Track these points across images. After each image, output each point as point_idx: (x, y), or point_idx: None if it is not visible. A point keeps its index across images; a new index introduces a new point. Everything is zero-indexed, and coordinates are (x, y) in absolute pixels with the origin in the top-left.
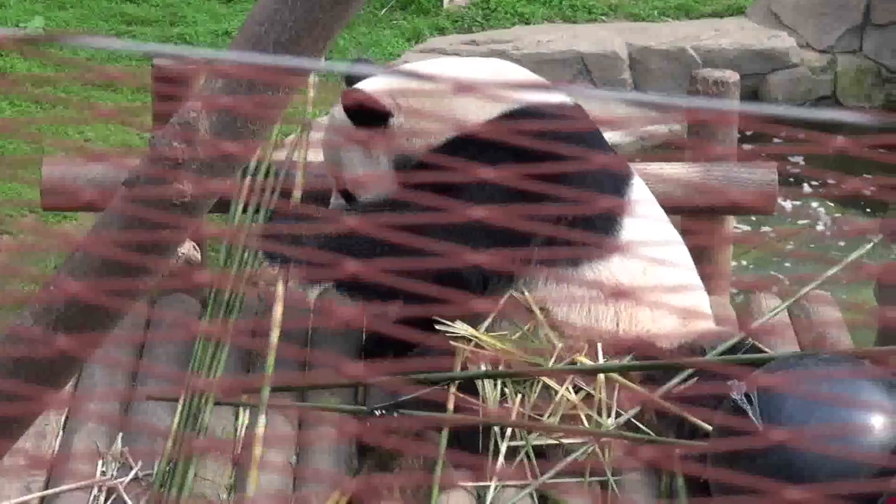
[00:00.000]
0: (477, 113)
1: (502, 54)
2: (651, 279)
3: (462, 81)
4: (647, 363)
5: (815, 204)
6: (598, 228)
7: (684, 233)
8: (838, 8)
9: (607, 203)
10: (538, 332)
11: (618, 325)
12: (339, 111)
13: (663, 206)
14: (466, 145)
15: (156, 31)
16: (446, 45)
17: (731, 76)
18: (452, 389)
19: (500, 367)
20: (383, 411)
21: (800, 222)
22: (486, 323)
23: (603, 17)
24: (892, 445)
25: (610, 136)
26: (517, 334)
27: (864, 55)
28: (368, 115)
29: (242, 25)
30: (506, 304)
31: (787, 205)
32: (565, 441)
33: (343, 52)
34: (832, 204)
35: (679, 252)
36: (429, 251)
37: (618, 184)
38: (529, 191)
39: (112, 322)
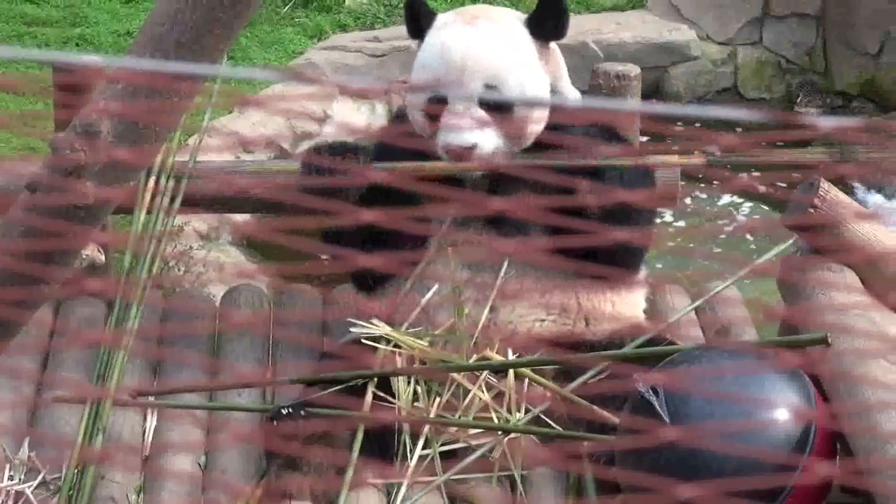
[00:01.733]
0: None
1: (405, 51)
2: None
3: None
4: (554, 358)
5: (749, 204)
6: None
7: None
8: (738, 0)
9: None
10: (459, 326)
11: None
12: (503, 21)
13: None
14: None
15: (57, 31)
16: (349, 42)
17: (633, 70)
18: (369, 389)
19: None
20: (290, 410)
21: (720, 222)
22: (410, 318)
23: None
24: (797, 436)
25: None
26: (438, 331)
27: (764, 47)
28: (551, 23)
29: (143, 26)
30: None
31: (726, 199)
32: (473, 442)
33: (245, 50)
34: (766, 207)
35: None
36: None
37: None
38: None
39: (14, 330)
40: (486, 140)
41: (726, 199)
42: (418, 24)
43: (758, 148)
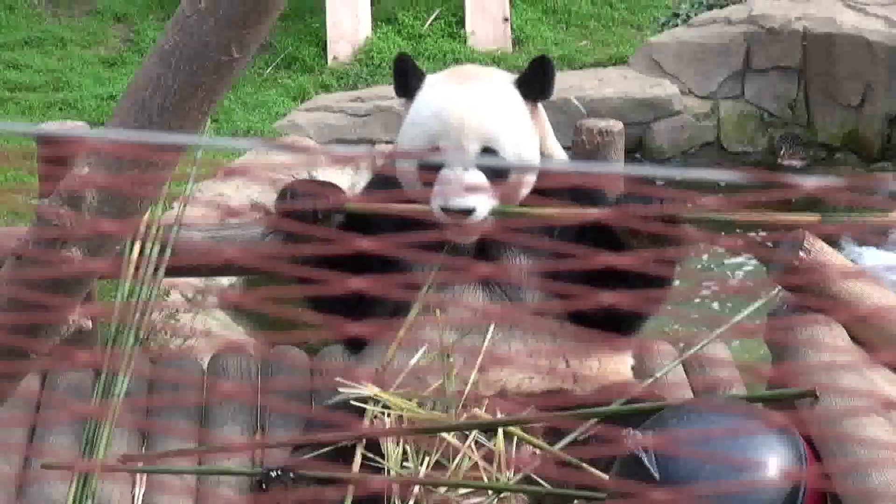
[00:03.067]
0: None
1: (388, 111)
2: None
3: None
4: (543, 416)
5: (751, 264)
6: None
7: None
8: (719, 54)
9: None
10: (447, 386)
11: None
12: (493, 81)
13: None
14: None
15: (39, 96)
16: (332, 103)
17: (616, 125)
18: (358, 450)
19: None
20: (279, 473)
21: (704, 283)
22: (398, 380)
23: None
24: (786, 495)
25: None
26: (427, 391)
27: (746, 100)
28: (539, 81)
29: (126, 90)
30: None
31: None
32: (464, 503)
33: (228, 113)
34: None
35: None
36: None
37: None
38: None
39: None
40: (483, 204)
41: (739, 259)
42: (406, 82)
43: (740, 207)
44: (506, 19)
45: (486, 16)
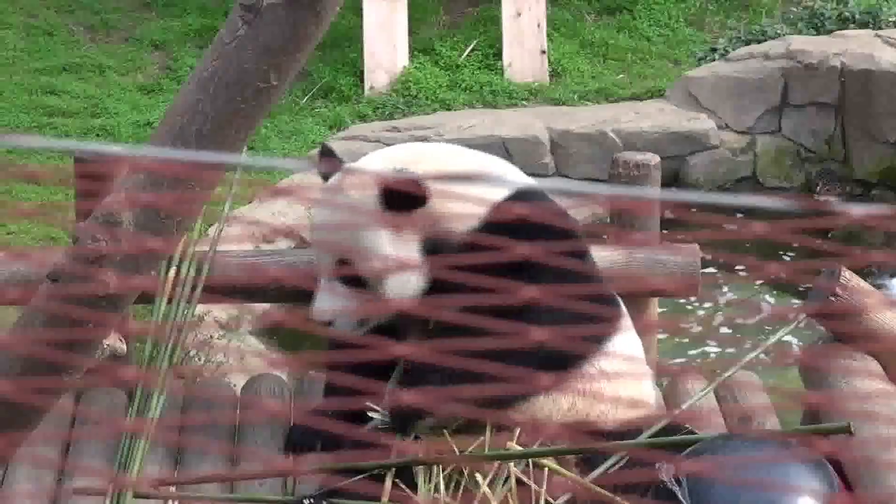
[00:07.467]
0: (490, 196)
1: (424, 140)
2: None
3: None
4: (576, 448)
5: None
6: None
7: None
8: (756, 89)
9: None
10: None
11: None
12: (359, 192)
13: None
14: (499, 228)
15: (78, 122)
16: (368, 132)
17: (652, 159)
18: (388, 478)
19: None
20: (312, 501)
21: (724, 307)
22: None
23: (524, 103)
24: None
25: None
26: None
27: (783, 135)
28: (404, 199)
29: (164, 116)
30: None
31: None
32: None
33: (265, 140)
34: (775, 291)
35: (633, 336)
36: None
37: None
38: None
39: (36, 420)
40: (345, 314)
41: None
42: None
43: (786, 236)
44: (543, 52)
45: (523, 48)
